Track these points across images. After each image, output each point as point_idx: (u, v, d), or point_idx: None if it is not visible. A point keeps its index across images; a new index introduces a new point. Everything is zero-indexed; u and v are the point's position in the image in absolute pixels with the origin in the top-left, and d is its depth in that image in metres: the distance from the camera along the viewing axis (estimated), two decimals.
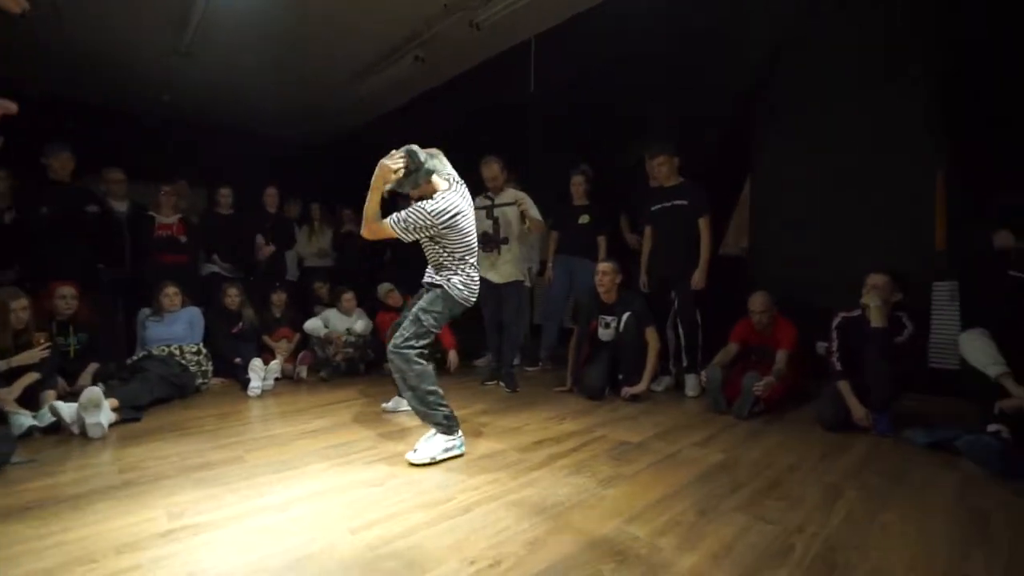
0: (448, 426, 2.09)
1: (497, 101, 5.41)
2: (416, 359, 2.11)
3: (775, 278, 3.37)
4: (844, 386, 2.52)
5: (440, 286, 2.20)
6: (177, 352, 3.12)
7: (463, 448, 2.12)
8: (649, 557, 1.34)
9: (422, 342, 2.15)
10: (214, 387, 3.33)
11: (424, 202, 2.08)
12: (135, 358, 3.10)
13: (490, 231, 3.37)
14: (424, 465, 1.99)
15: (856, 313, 2.56)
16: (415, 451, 2.03)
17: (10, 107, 1.16)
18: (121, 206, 4.01)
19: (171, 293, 3.32)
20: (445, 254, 2.20)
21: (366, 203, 2.08)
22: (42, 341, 2.66)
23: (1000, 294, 2.47)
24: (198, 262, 4.36)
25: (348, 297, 3.96)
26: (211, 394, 3.23)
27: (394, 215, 2.07)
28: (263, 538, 1.43)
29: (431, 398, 2.09)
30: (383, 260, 5.41)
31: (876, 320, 2.42)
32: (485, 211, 3.38)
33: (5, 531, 1.46)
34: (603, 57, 4.40)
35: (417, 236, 2.13)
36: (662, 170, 3.32)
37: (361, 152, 6.89)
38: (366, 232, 2.11)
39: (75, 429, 2.29)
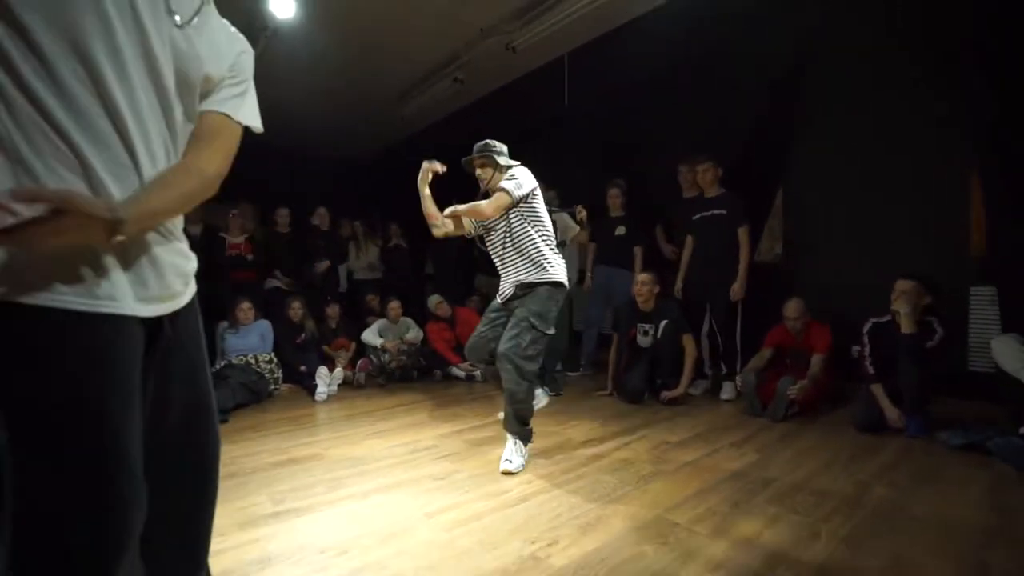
0: (529, 439, 2.23)
1: (533, 116, 5.65)
2: (531, 370, 2.14)
3: (809, 284, 3.46)
4: (877, 389, 2.62)
5: (547, 282, 2.20)
6: (253, 361, 3.48)
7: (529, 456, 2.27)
8: (687, 540, 1.53)
9: (538, 348, 2.16)
10: (284, 393, 3.68)
11: (512, 170, 2.20)
12: (217, 367, 3.47)
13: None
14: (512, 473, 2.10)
15: (886, 319, 2.66)
16: (510, 462, 2.11)
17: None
18: (195, 229, 4.44)
19: (245, 308, 3.69)
20: (538, 236, 2.20)
21: (425, 205, 2.31)
22: None
23: None
24: (262, 278, 4.77)
25: (394, 306, 4.27)
26: (282, 399, 3.57)
27: (499, 185, 2.14)
28: (353, 520, 1.70)
29: (530, 416, 2.21)
30: (425, 272, 5.73)
31: (905, 326, 2.52)
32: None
33: None
34: (635, 71, 4.58)
35: (524, 196, 2.15)
36: (706, 177, 3.47)
37: (402, 168, 7.26)
38: (484, 213, 2.10)
39: None
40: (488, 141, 2.31)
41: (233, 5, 3.90)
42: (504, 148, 2.33)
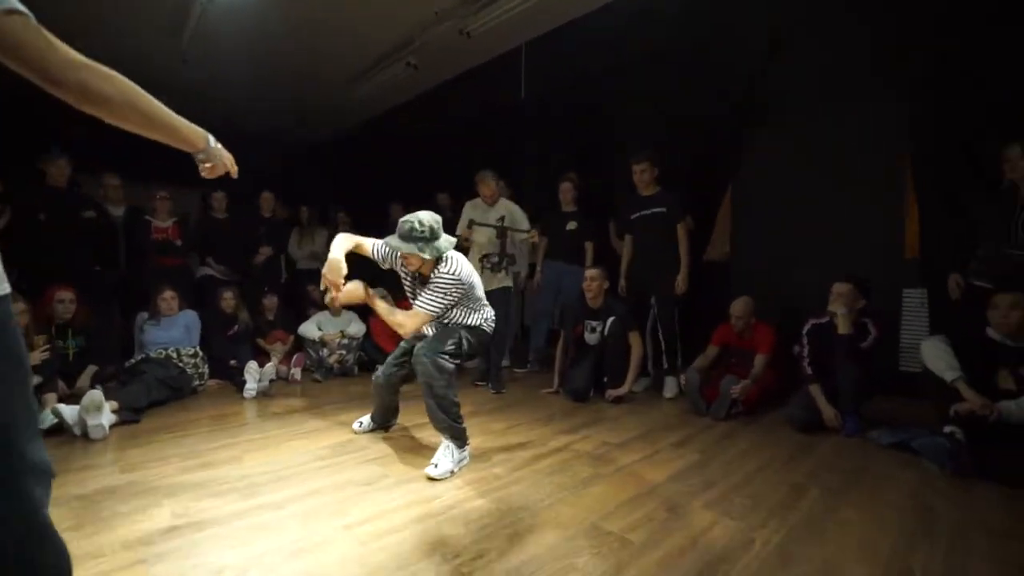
0: (463, 440, 2.10)
1: (489, 106, 5.51)
2: (448, 367, 2.08)
3: (755, 284, 3.50)
4: (815, 389, 2.65)
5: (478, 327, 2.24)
6: (174, 355, 3.20)
7: (469, 459, 2.13)
8: (620, 551, 1.46)
9: (455, 361, 2.13)
10: (210, 389, 3.42)
11: (442, 271, 2.09)
12: (133, 361, 3.18)
13: (497, 250, 3.47)
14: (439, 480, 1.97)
15: (825, 320, 2.69)
16: (435, 466, 1.97)
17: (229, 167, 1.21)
18: (118, 210, 4.09)
19: (168, 297, 3.40)
20: (462, 315, 2.22)
21: (385, 314, 2.18)
22: (41, 344, 2.74)
23: (964, 302, 2.61)
24: (193, 265, 4.44)
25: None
26: (207, 396, 3.32)
27: (419, 301, 2.10)
28: (262, 534, 1.53)
29: (455, 410, 2.09)
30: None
31: (842, 327, 2.56)
32: (496, 231, 3.47)
33: None
34: (593, 64, 4.51)
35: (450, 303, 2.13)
36: (643, 177, 3.45)
37: (354, 155, 7.00)
38: (402, 328, 2.13)
39: (77, 431, 2.37)
40: (415, 223, 2.00)
41: None
42: (435, 224, 2.05)
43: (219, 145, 1.11)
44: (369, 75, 5.46)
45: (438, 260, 2.11)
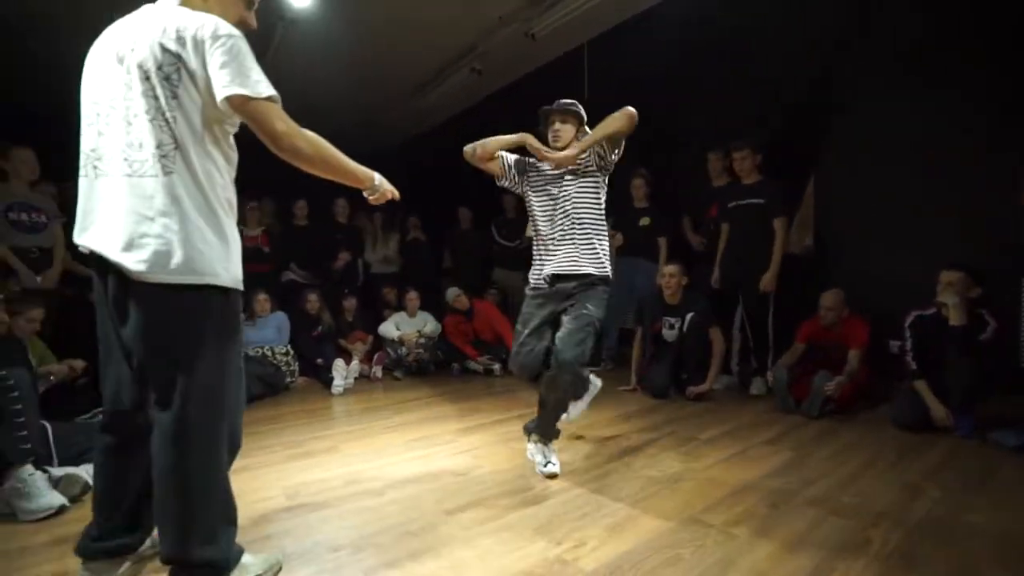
0: (557, 434, 2.09)
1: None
2: (585, 372, 1.97)
3: (841, 277, 3.30)
4: (921, 385, 2.46)
5: (604, 277, 1.96)
6: (269, 353, 3.44)
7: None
8: (726, 544, 1.42)
9: (592, 349, 1.94)
10: (300, 385, 3.64)
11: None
12: None
13: None
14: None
15: (931, 311, 2.49)
16: (553, 464, 1.96)
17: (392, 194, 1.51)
18: None
19: (262, 300, 3.65)
20: (601, 219, 2.02)
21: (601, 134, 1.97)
22: None
23: None
24: (278, 270, 4.74)
25: (412, 297, 4.20)
26: (298, 392, 3.53)
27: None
28: (368, 517, 1.62)
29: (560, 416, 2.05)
30: (443, 266, 5.66)
31: (955, 318, 2.36)
32: None
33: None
34: (656, 59, 4.43)
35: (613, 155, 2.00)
36: (744, 165, 3.32)
37: (420, 160, 7.22)
38: (625, 126, 1.98)
39: None
40: (575, 101, 2.07)
41: None
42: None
43: (383, 180, 1.43)
44: (434, 83, 5.64)
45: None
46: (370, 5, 4.14)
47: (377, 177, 1.42)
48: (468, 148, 2.08)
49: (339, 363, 3.48)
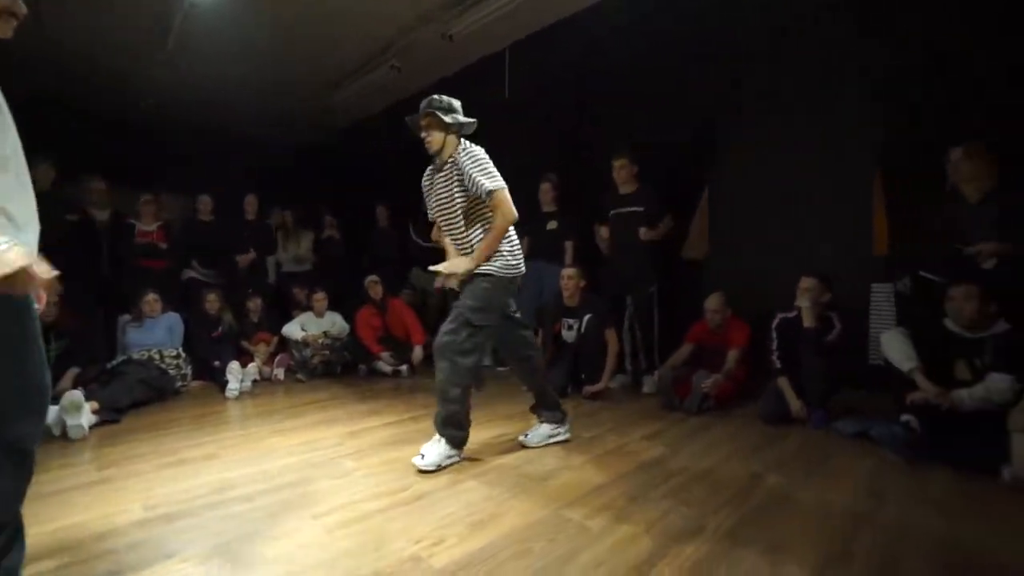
0: (459, 442, 2.10)
1: (473, 109, 5.56)
2: (464, 371, 2.03)
3: (730, 281, 3.56)
4: (783, 382, 2.72)
5: (488, 274, 2.08)
6: (157, 356, 3.24)
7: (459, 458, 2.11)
8: (576, 537, 1.51)
9: (475, 341, 2.04)
10: (193, 389, 3.46)
11: (467, 149, 2.11)
12: (115, 362, 3.21)
13: None
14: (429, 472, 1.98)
15: (793, 314, 2.76)
16: (423, 457, 1.99)
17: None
18: (102, 215, 4.12)
19: (151, 300, 3.44)
20: (489, 219, 2.10)
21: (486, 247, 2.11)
22: None
23: (924, 296, 2.69)
24: (178, 268, 4.47)
25: (319, 298, 4.10)
26: (190, 396, 3.35)
27: (482, 180, 2.06)
28: (231, 524, 1.58)
29: (459, 419, 2.08)
30: (361, 265, 5.55)
31: (808, 320, 2.63)
32: None
33: None
34: (574, 67, 4.57)
35: (491, 184, 2.06)
36: (621, 174, 3.50)
37: (340, 158, 7.03)
38: (504, 227, 2.09)
39: (56, 431, 2.41)
40: (434, 96, 2.10)
41: None
42: (455, 103, 2.13)
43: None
44: (352, 78, 5.52)
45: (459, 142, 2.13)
46: None
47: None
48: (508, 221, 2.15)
49: (234, 365, 3.34)
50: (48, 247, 1.17)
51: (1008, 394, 2.03)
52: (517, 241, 2.22)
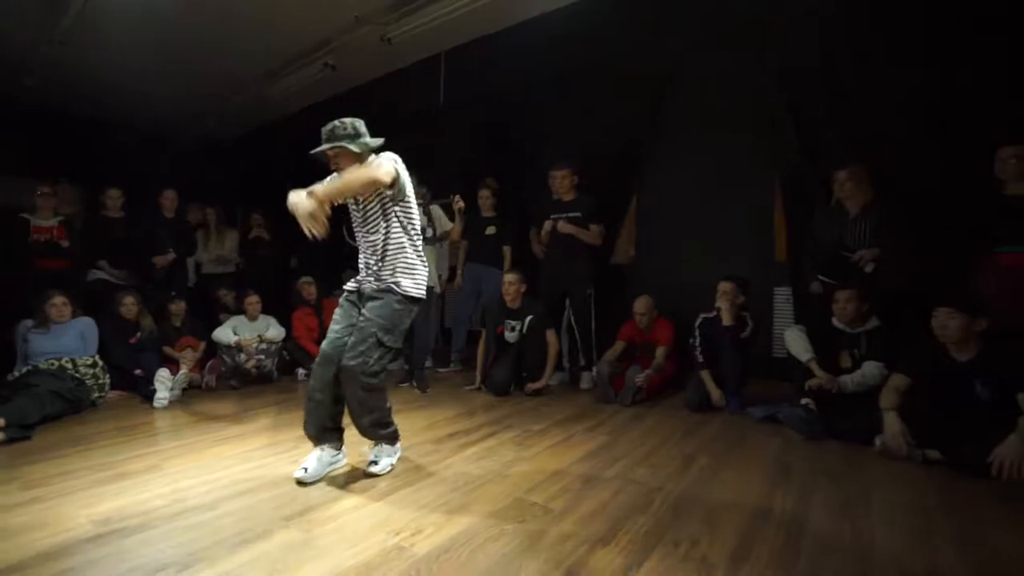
0: (396, 435, 2.12)
1: (408, 111, 5.57)
2: (377, 384, 1.97)
3: (658, 284, 3.91)
4: (705, 374, 3.07)
5: (391, 291, 1.99)
6: (69, 365, 2.97)
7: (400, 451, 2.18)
8: (542, 517, 1.67)
9: (384, 362, 1.99)
10: (112, 401, 3.19)
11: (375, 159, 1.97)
12: (18, 373, 2.90)
13: (424, 225, 3.27)
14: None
15: (713, 314, 3.12)
16: (375, 463, 2.02)
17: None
18: None
19: (59, 303, 3.13)
20: (408, 242, 2.03)
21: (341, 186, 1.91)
22: None
23: (815, 297, 3.14)
24: (81, 268, 4.07)
25: (252, 301, 3.95)
26: (109, 408, 3.10)
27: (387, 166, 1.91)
28: (199, 532, 1.56)
29: (387, 417, 2.07)
30: (290, 267, 5.36)
31: (726, 320, 3.00)
32: (419, 206, 3.39)
33: None
34: (511, 75, 4.74)
35: (388, 184, 1.92)
36: (564, 183, 3.73)
37: (267, 153, 6.70)
38: (353, 186, 1.90)
39: None
40: (336, 122, 1.96)
41: None
42: (359, 125, 1.99)
43: None
44: (284, 72, 5.33)
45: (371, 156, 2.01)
46: None
47: None
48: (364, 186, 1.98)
49: (163, 373, 3.14)
50: None
51: (879, 379, 2.47)
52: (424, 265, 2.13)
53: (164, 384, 3.07)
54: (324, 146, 1.98)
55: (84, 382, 2.96)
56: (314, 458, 2.00)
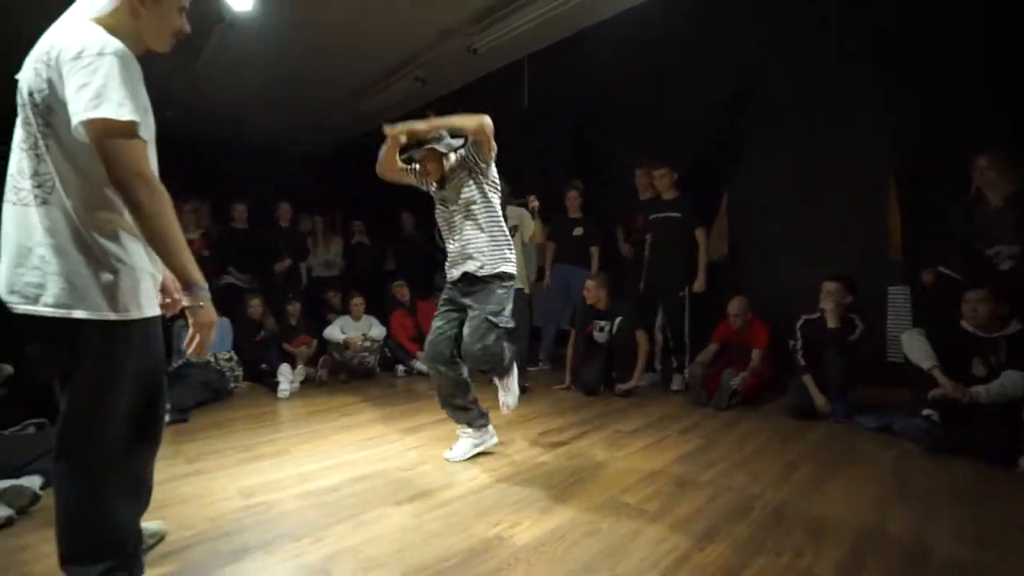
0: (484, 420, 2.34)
1: (494, 117, 5.73)
2: (502, 356, 2.17)
3: (752, 283, 3.74)
4: (807, 379, 2.90)
5: (499, 275, 2.14)
6: (212, 359, 3.44)
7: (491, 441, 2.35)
8: (638, 517, 1.70)
9: (501, 343, 2.14)
10: (244, 390, 3.65)
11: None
12: (175, 365, 3.41)
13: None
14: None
15: (816, 315, 2.93)
16: (507, 406, 2.28)
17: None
18: None
19: None
20: (495, 224, 2.17)
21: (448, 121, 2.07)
22: None
23: (941, 297, 2.85)
24: (216, 274, 4.66)
25: (357, 302, 4.30)
26: (242, 397, 3.55)
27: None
28: (325, 510, 1.77)
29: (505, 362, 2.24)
30: (387, 269, 5.75)
31: (831, 321, 2.81)
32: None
33: None
34: (594, 76, 4.74)
35: (490, 159, 2.11)
36: (663, 182, 3.68)
37: (362, 164, 7.20)
38: (468, 126, 2.05)
39: None
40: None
41: None
42: (442, 131, 2.14)
43: (208, 303, 1.14)
44: (378, 89, 5.71)
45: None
46: (312, 10, 4.18)
47: (204, 290, 1.13)
48: (376, 168, 2.28)
49: (285, 367, 3.54)
50: None
51: (1022, 390, 2.20)
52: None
53: (286, 377, 3.46)
54: (413, 151, 2.20)
55: (224, 374, 3.42)
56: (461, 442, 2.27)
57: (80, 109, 0.97)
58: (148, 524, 1.49)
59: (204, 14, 4.01)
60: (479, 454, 2.30)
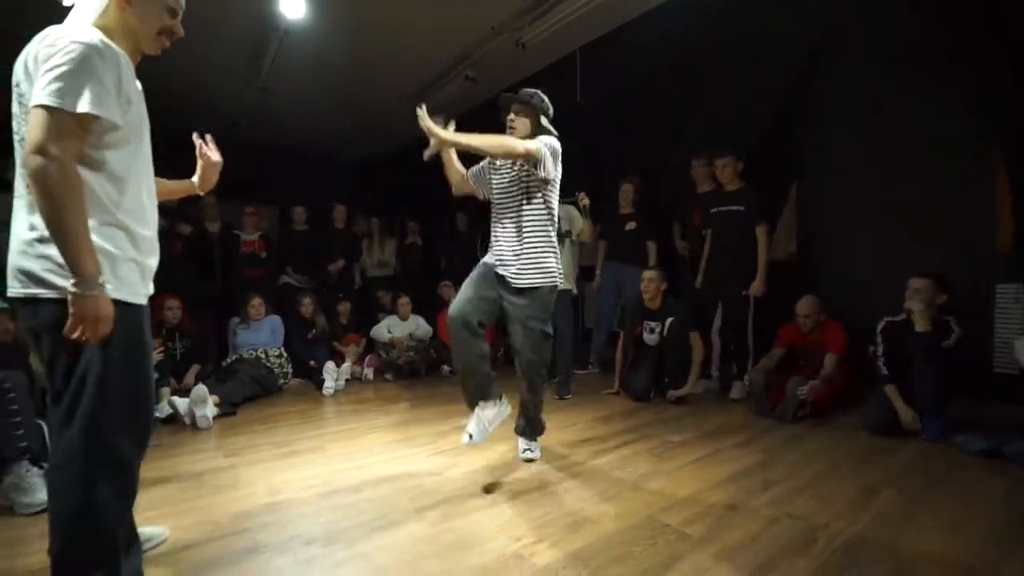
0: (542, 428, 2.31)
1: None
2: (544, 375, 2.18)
3: (824, 282, 3.36)
4: (891, 390, 2.52)
5: (548, 285, 2.07)
6: (263, 355, 3.54)
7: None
8: (676, 543, 1.50)
9: (550, 350, 2.16)
10: (293, 387, 3.74)
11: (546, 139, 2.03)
12: (228, 361, 3.54)
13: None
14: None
15: (901, 317, 2.55)
16: (531, 451, 2.22)
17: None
18: (214, 226, 4.55)
19: (257, 304, 3.76)
20: (551, 230, 2.10)
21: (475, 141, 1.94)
22: (156, 346, 3.13)
23: None
24: (274, 275, 4.85)
25: (403, 302, 4.30)
26: (290, 393, 3.63)
27: (536, 144, 1.96)
28: (343, 513, 1.71)
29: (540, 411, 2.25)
30: (440, 268, 5.75)
31: (920, 324, 2.42)
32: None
33: (151, 497, 1.81)
34: (646, 66, 4.49)
35: (551, 172, 2.03)
36: (726, 172, 3.38)
37: (418, 165, 7.30)
38: (505, 146, 1.92)
39: (187, 420, 2.71)
40: (539, 93, 2.09)
41: (246, 7, 3.97)
42: (549, 110, 2.12)
43: (96, 298, 1.03)
44: (430, 91, 5.74)
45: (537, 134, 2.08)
46: (364, 15, 4.23)
47: (92, 284, 1.02)
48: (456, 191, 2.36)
49: (330, 365, 3.58)
50: (168, 256, 1.36)
51: None
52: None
53: (331, 375, 3.50)
54: (515, 98, 2.11)
55: (273, 370, 3.51)
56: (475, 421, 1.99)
57: (36, 93, 0.99)
58: (150, 528, 1.50)
59: (263, 25, 4.20)
60: (505, 462, 2.17)
